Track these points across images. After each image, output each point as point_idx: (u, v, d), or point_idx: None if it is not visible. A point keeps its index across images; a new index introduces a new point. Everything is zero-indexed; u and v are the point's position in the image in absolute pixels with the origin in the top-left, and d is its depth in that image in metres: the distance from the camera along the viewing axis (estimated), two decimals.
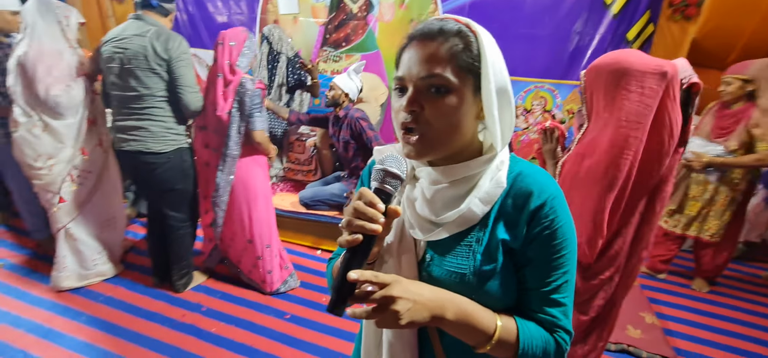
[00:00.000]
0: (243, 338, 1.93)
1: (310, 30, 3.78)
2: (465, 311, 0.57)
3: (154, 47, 1.79)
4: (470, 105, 0.57)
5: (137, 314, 2.06)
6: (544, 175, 0.61)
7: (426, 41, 0.56)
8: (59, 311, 2.04)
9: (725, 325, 2.23)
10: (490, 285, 0.60)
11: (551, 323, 0.61)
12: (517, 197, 0.60)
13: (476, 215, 0.59)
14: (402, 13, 3.48)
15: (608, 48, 3.20)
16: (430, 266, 0.62)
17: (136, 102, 1.85)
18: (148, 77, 1.82)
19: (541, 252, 0.60)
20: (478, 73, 0.57)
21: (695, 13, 2.87)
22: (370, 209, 0.54)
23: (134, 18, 1.86)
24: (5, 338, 1.86)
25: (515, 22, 3.29)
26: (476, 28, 0.58)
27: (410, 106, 0.56)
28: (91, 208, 2.17)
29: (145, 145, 1.87)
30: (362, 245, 0.53)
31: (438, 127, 0.56)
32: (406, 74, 0.58)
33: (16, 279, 2.27)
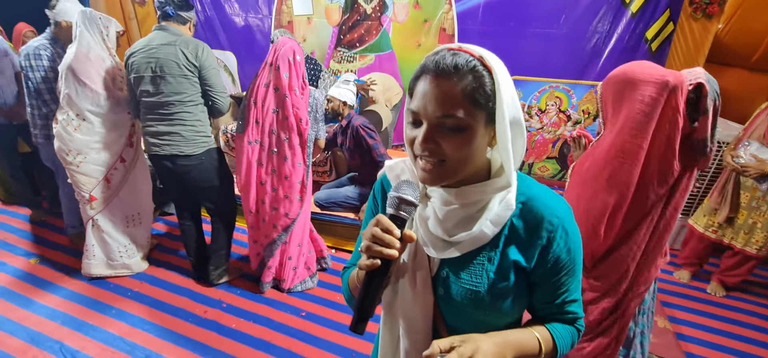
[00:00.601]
0: (261, 334, 2.03)
1: (324, 31, 3.83)
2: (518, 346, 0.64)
3: (185, 54, 1.89)
4: (483, 136, 0.60)
5: (162, 309, 2.17)
6: (553, 199, 0.65)
7: (440, 79, 0.57)
8: (91, 305, 2.18)
9: (740, 330, 2.20)
10: (504, 302, 0.64)
11: (571, 318, 0.70)
12: (528, 221, 0.63)
13: (487, 235, 0.62)
14: (416, 14, 3.49)
15: (626, 47, 3.15)
16: (446, 282, 0.66)
17: (167, 108, 1.94)
18: (179, 83, 1.92)
19: (555, 270, 0.65)
20: (491, 109, 0.58)
21: (717, 10, 2.79)
22: (387, 235, 0.57)
23: (157, 29, 1.96)
24: (43, 329, 2.00)
25: (530, 21, 3.25)
26: (490, 64, 0.58)
27: (426, 143, 0.59)
28: (117, 202, 2.29)
29: (178, 149, 1.98)
30: (380, 268, 0.57)
31: (452, 158, 0.59)
32: (421, 110, 0.59)
33: (50, 274, 2.42)
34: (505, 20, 3.29)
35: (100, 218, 2.26)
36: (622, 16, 3.06)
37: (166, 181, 2.18)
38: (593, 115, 3.47)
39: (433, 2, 3.41)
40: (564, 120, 3.53)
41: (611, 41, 3.15)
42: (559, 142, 3.63)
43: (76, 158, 2.12)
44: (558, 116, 3.53)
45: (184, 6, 1.98)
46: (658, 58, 3.13)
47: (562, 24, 3.20)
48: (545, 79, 3.43)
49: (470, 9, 3.35)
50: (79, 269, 2.41)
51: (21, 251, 2.62)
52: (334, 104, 2.51)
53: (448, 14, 3.42)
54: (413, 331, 0.69)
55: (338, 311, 2.22)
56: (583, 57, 3.26)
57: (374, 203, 0.79)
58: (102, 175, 2.19)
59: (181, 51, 1.88)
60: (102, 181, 2.20)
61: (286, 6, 3.85)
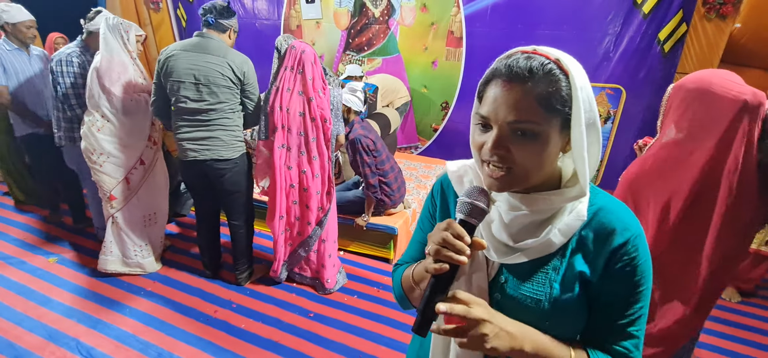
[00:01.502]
0: (270, 334, 2.06)
1: (333, 34, 3.87)
2: (542, 345, 0.59)
3: (232, 68, 1.97)
4: (556, 143, 0.57)
5: (174, 308, 2.22)
6: (626, 212, 0.61)
7: (513, 83, 0.54)
8: (106, 304, 2.24)
9: (757, 338, 2.15)
10: (564, 315, 0.60)
11: (624, 354, 0.61)
12: (598, 231, 0.60)
13: (554, 245, 0.59)
14: (423, 17, 3.51)
15: (638, 49, 3.10)
16: (505, 287, 0.63)
17: (208, 114, 2.00)
18: (222, 93, 1.99)
19: (620, 288, 0.60)
20: (566, 114, 0.55)
21: (731, 11, 2.74)
22: (458, 241, 0.55)
23: (199, 36, 2.01)
24: (60, 327, 2.07)
25: (539, 23, 3.23)
26: (567, 66, 0.54)
27: (496, 149, 0.56)
28: (136, 202, 2.36)
29: (217, 154, 2.04)
30: (448, 273, 0.56)
31: (524, 166, 0.56)
32: (491, 115, 0.56)
33: (68, 273, 2.49)
34: (514, 22, 3.27)
35: (120, 216, 2.33)
36: (634, 17, 3.02)
37: (194, 185, 2.22)
38: (604, 117, 3.42)
39: (441, 5, 3.42)
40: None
41: (623, 43, 3.11)
42: None
43: (99, 158, 2.20)
44: None
45: (225, 14, 2.03)
46: (671, 59, 3.08)
47: (572, 26, 3.17)
48: None
49: (478, 11, 3.35)
50: (95, 268, 2.48)
51: (40, 251, 2.71)
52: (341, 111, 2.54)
53: (455, 17, 3.42)
54: None
55: (345, 312, 2.23)
56: (594, 59, 3.23)
57: (432, 204, 0.77)
58: (122, 175, 2.27)
59: (229, 65, 1.96)
60: (122, 181, 2.27)
61: (294, 10, 3.91)
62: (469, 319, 0.55)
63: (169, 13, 4.45)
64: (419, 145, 4.03)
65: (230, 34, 2.10)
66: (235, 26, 2.11)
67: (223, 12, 2.02)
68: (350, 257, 2.75)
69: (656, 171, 1.14)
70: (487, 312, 0.57)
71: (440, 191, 0.76)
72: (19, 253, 2.68)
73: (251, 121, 2.15)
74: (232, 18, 2.08)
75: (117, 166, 2.24)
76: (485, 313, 0.56)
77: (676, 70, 3.07)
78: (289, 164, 2.13)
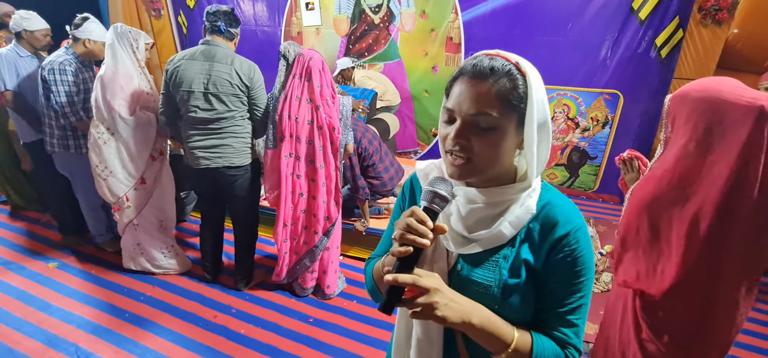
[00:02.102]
0: (269, 340, 2.05)
1: (333, 41, 3.90)
2: (488, 319, 0.63)
3: (239, 75, 1.96)
4: (512, 138, 0.62)
5: (174, 313, 2.22)
6: (570, 207, 0.67)
7: (477, 80, 0.61)
8: (106, 309, 2.24)
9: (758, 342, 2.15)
10: (513, 299, 0.65)
11: (563, 340, 0.67)
12: (544, 224, 0.65)
13: (505, 236, 0.65)
14: (422, 23, 3.54)
15: (635, 55, 3.13)
16: (461, 275, 0.69)
17: (219, 123, 2.00)
18: (231, 101, 1.98)
19: (560, 276, 0.65)
20: (522, 111, 0.61)
21: (727, 17, 2.77)
22: (421, 226, 0.59)
23: (205, 43, 1.98)
24: (59, 332, 2.06)
25: (537, 29, 3.26)
26: (525, 69, 0.61)
27: (458, 138, 0.62)
28: (146, 211, 2.38)
29: (229, 161, 2.05)
30: (411, 256, 0.60)
31: (482, 156, 0.62)
32: (456, 108, 0.62)
33: (68, 279, 2.49)
34: (512, 28, 3.31)
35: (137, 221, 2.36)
36: (631, 23, 3.05)
37: (204, 191, 2.23)
38: (602, 123, 3.44)
39: (440, 11, 3.46)
40: (572, 127, 3.52)
41: (620, 48, 3.14)
42: (568, 149, 3.61)
43: (103, 172, 2.21)
44: (566, 124, 3.52)
45: (234, 23, 2.03)
46: (668, 65, 3.11)
47: (569, 32, 3.20)
48: (553, 87, 3.43)
49: (477, 18, 3.38)
50: (95, 274, 2.49)
51: (40, 256, 2.71)
52: None
53: (454, 23, 3.46)
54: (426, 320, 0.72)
55: (345, 317, 2.23)
56: (591, 64, 3.26)
57: (403, 200, 0.83)
58: (124, 192, 2.27)
59: (236, 72, 1.95)
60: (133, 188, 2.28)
61: (295, 17, 3.94)
62: (420, 288, 0.59)
63: (170, 20, 4.49)
64: (419, 151, 4.05)
65: (235, 41, 2.10)
66: (239, 35, 2.12)
67: (232, 20, 2.02)
68: (350, 261, 2.75)
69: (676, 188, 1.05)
70: (436, 282, 0.61)
71: (410, 187, 0.82)
72: (18, 258, 2.68)
73: (260, 129, 2.13)
74: (238, 27, 2.08)
75: (120, 182, 2.25)
76: (435, 283, 0.60)
77: (674, 76, 3.10)
78: (298, 173, 2.10)
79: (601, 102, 3.35)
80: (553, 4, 3.16)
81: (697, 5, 2.83)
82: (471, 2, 3.35)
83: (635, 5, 3.00)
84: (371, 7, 3.64)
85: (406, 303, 0.60)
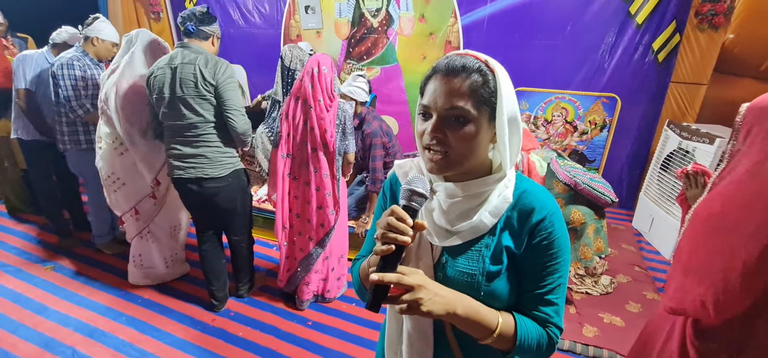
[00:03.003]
0: (267, 343, 2.04)
1: (334, 44, 3.91)
2: (473, 308, 0.66)
3: (202, 74, 1.80)
4: (485, 131, 0.66)
5: (172, 316, 2.21)
6: (544, 193, 0.70)
7: (449, 77, 0.64)
8: (103, 312, 2.22)
9: None
10: (495, 284, 0.69)
11: (544, 319, 0.70)
12: (521, 211, 0.69)
13: (486, 225, 0.68)
14: (421, 27, 3.56)
15: (632, 58, 3.16)
16: (445, 267, 0.71)
17: (190, 130, 1.86)
18: (199, 104, 1.83)
19: (539, 259, 0.69)
20: (493, 105, 0.65)
21: (723, 21, 2.80)
22: (401, 223, 0.61)
23: (180, 47, 1.87)
24: (56, 335, 2.05)
25: (535, 33, 3.28)
26: (494, 66, 0.65)
27: (434, 132, 0.65)
28: (158, 220, 2.37)
29: (203, 172, 1.90)
30: (394, 253, 0.62)
31: (458, 150, 0.65)
32: (431, 103, 0.66)
33: (64, 281, 2.48)
34: (510, 32, 3.33)
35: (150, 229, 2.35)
36: (628, 27, 3.07)
37: (190, 204, 2.10)
38: (600, 126, 3.46)
39: (439, 15, 3.47)
40: (571, 131, 3.53)
41: (617, 52, 3.17)
42: (566, 152, 3.62)
43: (114, 183, 2.21)
44: (564, 127, 3.53)
45: (206, 20, 1.90)
46: (666, 69, 3.13)
47: (567, 35, 3.22)
48: (551, 90, 3.45)
49: (476, 22, 3.40)
50: (92, 276, 2.48)
51: (37, 259, 2.70)
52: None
53: (453, 27, 3.47)
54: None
55: (344, 320, 2.23)
56: (589, 68, 3.28)
57: (384, 200, 0.85)
58: (132, 205, 2.26)
59: (200, 70, 1.80)
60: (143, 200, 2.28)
61: (294, 20, 3.95)
62: (405, 285, 0.61)
63: (169, 23, 4.50)
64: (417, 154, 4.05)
65: (213, 40, 1.95)
66: (217, 32, 1.97)
67: (203, 18, 1.88)
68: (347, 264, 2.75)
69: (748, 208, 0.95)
70: (420, 279, 0.63)
71: (390, 187, 0.85)
72: (15, 261, 2.66)
73: (232, 131, 1.89)
74: (214, 24, 1.93)
75: (132, 196, 2.25)
76: (419, 279, 0.62)
77: (671, 80, 3.12)
78: (295, 175, 2.09)
79: (599, 105, 3.36)
80: (552, 9, 3.19)
81: (694, 10, 2.86)
82: (470, 6, 3.37)
83: (632, 9, 3.02)
84: (371, 11, 3.65)
85: (391, 300, 0.62)
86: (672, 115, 3.15)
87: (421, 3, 3.48)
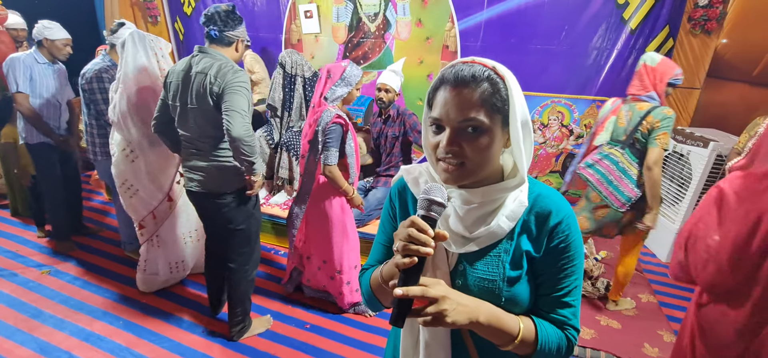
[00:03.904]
0: (265, 347, 2.04)
1: (331, 48, 3.93)
2: (495, 315, 0.66)
3: (211, 84, 1.62)
4: (499, 139, 0.65)
5: (170, 321, 2.20)
6: (558, 196, 0.71)
7: (459, 88, 0.63)
8: (99, 316, 2.21)
9: None
10: (516, 289, 0.68)
11: (563, 322, 0.70)
12: (538, 214, 0.69)
13: (504, 230, 0.67)
14: (418, 31, 3.58)
15: (626, 63, 3.19)
16: (464, 274, 0.70)
17: (200, 142, 1.75)
18: (210, 114, 1.68)
19: (556, 262, 0.69)
20: (505, 112, 0.64)
21: (715, 27, 2.84)
22: (422, 235, 0.60)
23: (199, 51, 1.70)
24: (52, 340, 2.03)
25: (531, 38, 3.32)
26: (503, 73, 0.64)
27: (450, 145, 0.64)
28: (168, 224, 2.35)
29: (207, 187, 1.79)
30: (416, 266, 0.60)
31: (474, 160, 0.64)
32: (443, 116, 0.64)
33: (60, 285, 2.46)
34: (507, 37, 3.36)
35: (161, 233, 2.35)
36: (622, 32, 3.11)
37: (202, 215, 1.98)
38: None
39: (436, 20, 3.50)
40: (566, 134, 3.56)
41: (612, 57, 3.20)
42: (563, 156, 3.65)
43: (129, 189, 2.22)
44: (560, 131, 3.56)
45: (230, 23, 1.69)
46: None
47: (563, 40, 3.25)
48: (547, 94, 3.48)
49: (472, 26, 3.43)
50: (89, 280, 2.47)
51: (33, 263, 2.68)
52: (392, 95, 2.57)
53: (450, 32, 3.50)
54: None
55: (342, 323, 2.23)
56: (584, 72, 3.31)
57: (391, 207, 0.83)
58: (148, 210, 2.26)
59: (210, 81, 1.62)
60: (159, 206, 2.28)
61: (295, 25, 3.97)
62: (429, 298, 0.60)
63: (167, 25, 4.50)
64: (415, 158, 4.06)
65: (237, 45, 1.76)
66: (243, 36, 1.77)
67: (227, 20, 1.68)
68: None
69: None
70: (444, 290, 0.62)
71: (398, 193, 0.82)
72: (10, 265, 2.64)
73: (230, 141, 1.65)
74: (240, 26, 1.73)
75: (146, 201, 2.24)
76: (442, 291, 0.62)
77: None
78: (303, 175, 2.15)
79: (595, 109, 3.39)
80: (547, 14, 3.22)
81: (687, 15, 2.90)
82: (467, 11, 3.40)
83: (626, 14, 3.06)
84: (368, 16, 3.68)
85: (416, 313, 0.61)
86: None
87: (419, 8, 3.51)
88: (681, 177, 2.84)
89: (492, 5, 3.32)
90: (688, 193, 2.76)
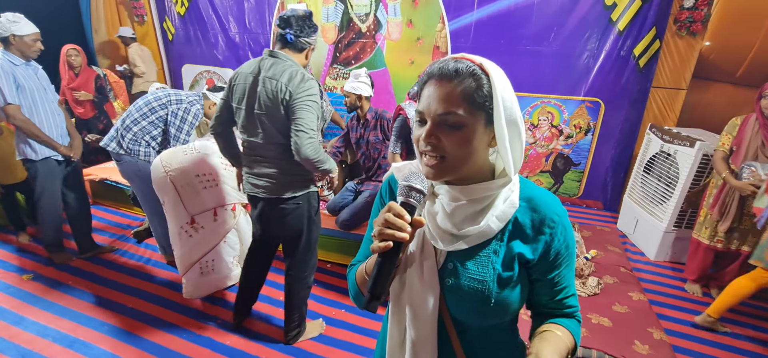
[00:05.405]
0: (256, 351, 2.01)
1: (321, 49, 3.91)
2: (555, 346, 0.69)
3: (282, 91, 1.59)
4: (482, 135, 0.65)
5: (157, 325, 2.15)
6: (552, 198, 0.71)
7: (443, 81, 0.64)
8: (83, 321, 2.15)
9: (736, 343, 2.20)
10: (508, 291, 0.68)
11: (572, 311, 0.76)
12: (533, 217, 0.69)
13: (493, 230, 0.67)
14: (409, 32, 3.58)
15: (615, 64, 3.24)
16: (453, 273, 0.70)
17: (267, 149, 1.70)
18: (279, 121, 1.64)
19: (556, 263, 0.71)
20: (489, 109, 0.64)
21: (701, 28, 2.89)
22: (398, 219, 0.61)
23: (269, 55, 1.66)
24: (34, 347, 1.97)
25: (521, 39, 3.34)
26: (489, 69, 0.64)
27: (428, 138, 0.65)
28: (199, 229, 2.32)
29: (274, 192, 1.74)
30: (392, 250, 0.61)
31: (453, 154, 0.64)
32: (425, 110, 0.66)
33: (43, 290, 2.39)
34: (497, 38, 3.38)
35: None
36: (610, 33, 3.15)
37: (262, 222, 1.93)
38: (584, 130, 3.53)
39: (426, 21, 3.51)
40: (556, 134, 3.59)
41: (600, 58, 3.24)
42: (553, 156, 3.68)
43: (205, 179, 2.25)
44: (550, 131, 3.59)
45: (306, 29, 1.68)
46: (647, 74, 3.22)
47: (552, 41, 3.29)
48: (537, 95, 3.51)
49: (463, 27, 3.44)
50: (72, 285, 2.40)
51: (14, 268, 2.60)
52: (349, 99, 2.63)
53: (441, 32, 3.51)
54: (419, 320, 0.71)
55: (334, 327, 2.20)
56: (573, 73, 3.35)
57: (381, 202, 0.84)
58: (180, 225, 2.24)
59: (281, 87, 1.59)
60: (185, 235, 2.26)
61: None
62: None
63: (153, 25, 4.43)
64: None
65: (307, 53, 1.74)
66: (315, 44, 1.75)
67: (303, 26, 1.66)
68: (334, 268, 2.73)
69: None
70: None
71: (388, 189, 0.83)
72: None
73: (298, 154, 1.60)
74: (314, 34, 1.71)
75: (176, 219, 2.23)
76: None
77: (652, 85, 3.21)
78: None
79: (584, 110, 3.43)
80: (537, 15, 3.25)
81: (673, 17, 2.95)
82: (458, 12, 3.41)
83: (614, 16, 3.10)
84: (359, 16, 3.67)
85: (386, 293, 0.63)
86: (653, 119, 3.23)
87: (409, 8, 3.51)
88: (668, 176, 2.88)
89: (482, 6, 3.34)
90: (675, 192, 2.80)
